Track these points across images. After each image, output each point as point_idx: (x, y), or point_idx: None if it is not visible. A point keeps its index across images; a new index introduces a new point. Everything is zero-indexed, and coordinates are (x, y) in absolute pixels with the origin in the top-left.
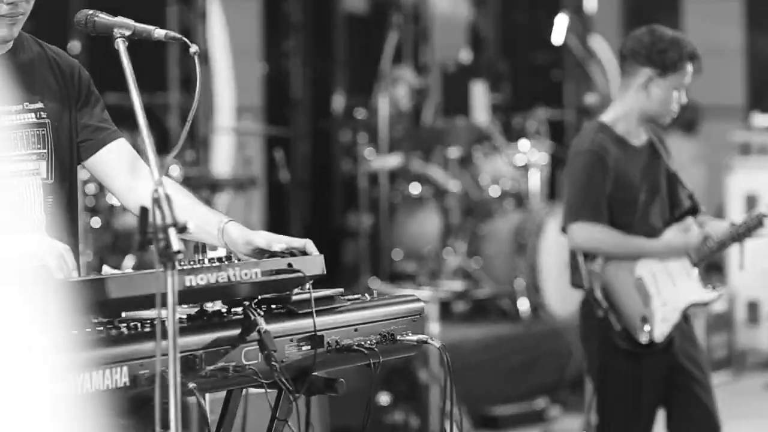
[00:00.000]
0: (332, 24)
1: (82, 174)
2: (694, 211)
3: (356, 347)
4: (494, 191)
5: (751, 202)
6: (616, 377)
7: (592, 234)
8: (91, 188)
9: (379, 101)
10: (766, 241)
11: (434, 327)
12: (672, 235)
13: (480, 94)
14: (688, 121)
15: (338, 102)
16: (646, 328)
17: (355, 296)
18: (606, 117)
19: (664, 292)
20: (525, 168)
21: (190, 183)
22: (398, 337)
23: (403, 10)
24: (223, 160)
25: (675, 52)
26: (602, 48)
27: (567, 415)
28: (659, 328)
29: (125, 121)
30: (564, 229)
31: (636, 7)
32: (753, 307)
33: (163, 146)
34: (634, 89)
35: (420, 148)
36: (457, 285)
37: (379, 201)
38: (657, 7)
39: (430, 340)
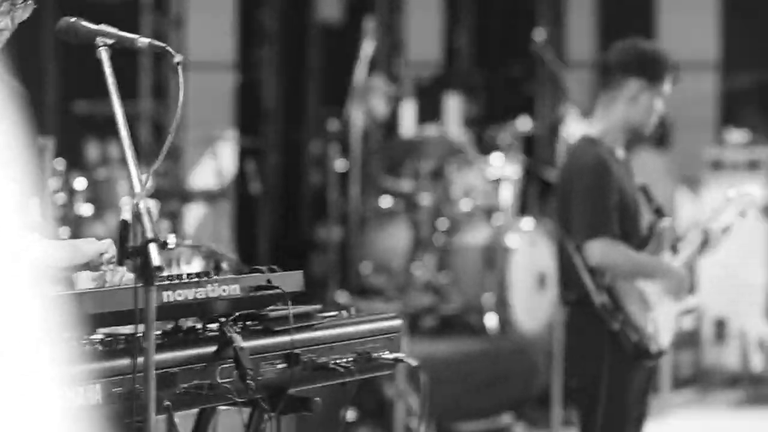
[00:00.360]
0: (306, 34)
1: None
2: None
3: (332, 366)
4: (465, 205)
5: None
6: (626, 388)
7: (614, 252)
8: (59, 198)
9: (352, 112)
10: (733, 262)
11: (402, 342)
12: (673, 261)
13: (453, 106)
14: (659, 134)
15: (311, 112)
16: (656, 337)
17: (332, 313)
18: (593, 131)
19: (661, 301)
20: (497, 182)
21: (161, 194)
22: (374, 356)
23: (377, 20)
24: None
25: (661, 62)
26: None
27: None
28: (665, 337)
29: (96, 130)
30: (577, 246)
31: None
32: (720, 325)
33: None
34: (623, 101)
35: (392, 161)
36: (426, 299)
37: (348, 213)
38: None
39: (406, 359)
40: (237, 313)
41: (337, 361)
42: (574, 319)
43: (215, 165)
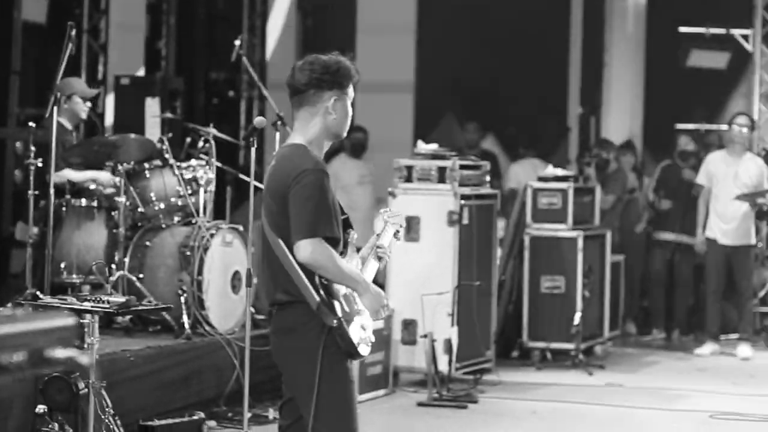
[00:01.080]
0: (10, 32)
1: None
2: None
3: (2, 363)
4: (162, 206)
5: (410, 223)
6: (344, 382)
7: (324, 253)
8: None
9: (53, 112)
10: (422, 266)
11: (95, 339)
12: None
13: (153, 111)
14: (355, 145)
15: (12, 111)
16: (366, 336)
17: (7, 310)
18: (298, 140)
19: (361, 305)
20: (194, 185)
21: None
22: (46, 353)
23: (81, 23)
24: None
25: (345, 69)
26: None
27: (223, 430)
28: (370, 337)
29: None
30: (291, 243)
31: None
32: (409, 327)
33: None
34: (322, 113)
35: (91, 161)
36: (121, 297)
37: (48, 211)
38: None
39: (77, 357)
40: None
41: (9, 360)
42: (286, 320)
43: None
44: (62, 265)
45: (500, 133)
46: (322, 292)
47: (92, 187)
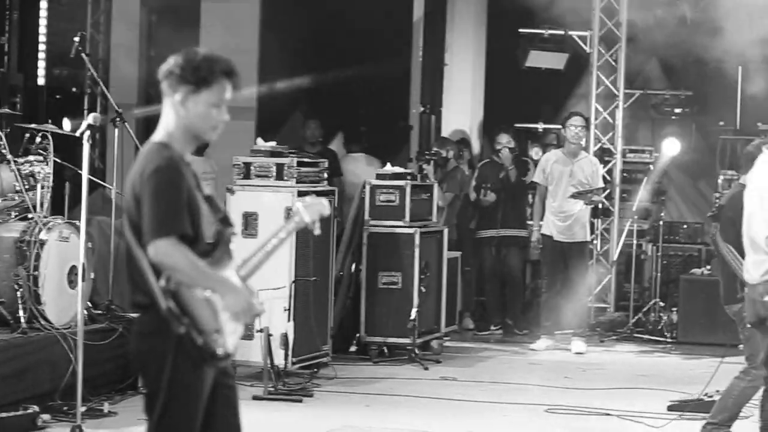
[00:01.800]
0: None
1: None
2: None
3: None
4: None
5: (247, 219)
6: (189, 389)
7: (177, 254)
8: None
9: None
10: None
11: None
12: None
13: None
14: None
15: None
16: (223, 340)
17: None
18: (158, 137)
19: (225, 306)
20: (31, 180)
21: None
22: None
23: None
24: None
25: (206, 68)
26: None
27: (57, 424)
28: (231, 340)
29: None
30: (143, 243)
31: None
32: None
33: None
34: (174, 108)
35: None
36: None
37: None
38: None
39: None
40: None
41: None
42: (143, 323)
43: None
44: None
45: (348, 132)
46: (169, 298)
47: None
